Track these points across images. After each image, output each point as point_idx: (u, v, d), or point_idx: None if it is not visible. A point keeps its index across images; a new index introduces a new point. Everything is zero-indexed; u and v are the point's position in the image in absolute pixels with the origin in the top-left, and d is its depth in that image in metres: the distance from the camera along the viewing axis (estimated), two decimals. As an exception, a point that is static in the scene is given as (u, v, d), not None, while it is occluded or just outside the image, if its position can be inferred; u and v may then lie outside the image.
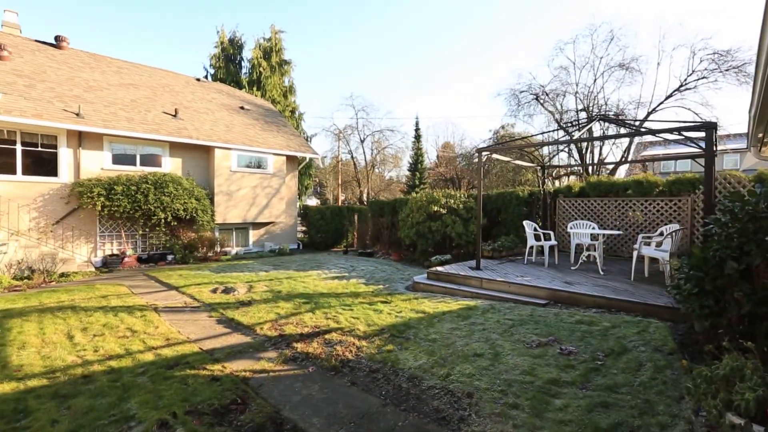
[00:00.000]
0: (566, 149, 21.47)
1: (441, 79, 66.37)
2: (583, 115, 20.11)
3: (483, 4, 50.26)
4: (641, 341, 4.01)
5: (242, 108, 16.60)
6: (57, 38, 13.73)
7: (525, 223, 8.67)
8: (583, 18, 41.02)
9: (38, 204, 9.84)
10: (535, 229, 8.73)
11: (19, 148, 9.68)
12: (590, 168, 19.13)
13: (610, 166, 19.94)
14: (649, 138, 21.38)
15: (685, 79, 17.12)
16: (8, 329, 4.81)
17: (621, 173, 22.56)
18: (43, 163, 10.10)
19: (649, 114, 18.13)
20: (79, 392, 3.21)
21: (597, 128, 19.72)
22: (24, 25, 13.84)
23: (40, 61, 12.17)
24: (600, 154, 20.67)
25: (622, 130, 14.18)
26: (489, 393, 3.09)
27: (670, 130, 6.08)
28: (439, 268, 7.82)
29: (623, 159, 19.64)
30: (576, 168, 21.29)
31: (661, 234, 6.96)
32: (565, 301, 5.75)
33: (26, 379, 3.47)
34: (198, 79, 17.84)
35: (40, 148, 10.00)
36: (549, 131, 20.88)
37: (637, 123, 15.54)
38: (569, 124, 19.09)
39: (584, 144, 19.76)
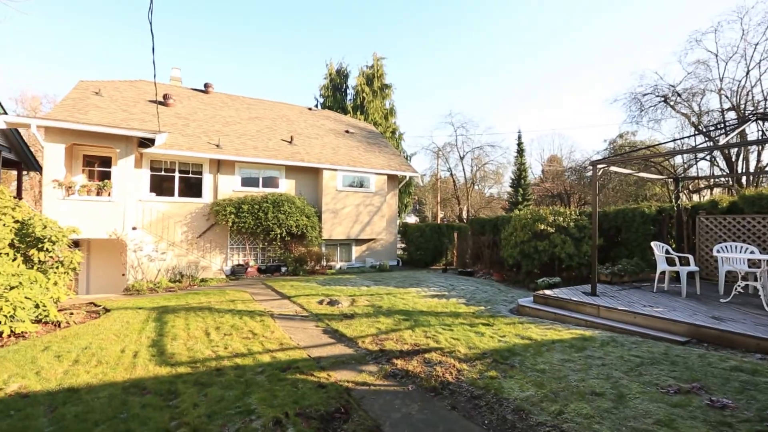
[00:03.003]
0: (708, 157, 18.09)
1: (547, 90, 62.49)
2: (731, 115, 16.80)
3: (598, 10, 46.21)
4: (836, 403, 3.06)
5: (347, 131, 17.89)
6: (205, 85, 16.79)
7: (653, 244, 7.47)
8: (726, 2, 34.66)
9: (187, 220, 11.92)
10: (667, 252, 7.46)
11: (177, 175, 11.94)
12: (744, 178, 15.74)
13: (774, 176, 16.13)
14: (833, 139, 16.74)
15: None
16: (165, 323, 5.86)
17: (790, 184, 18.05)
18: (191, 186, 12.26)
19: (832, 108, 14.28)
20: (213, 383, 3.71)
21: (753, 130, 16.22)
22: (184, 76, 17.30)
23: (193, 105, 14.95)
24: (758, 160, 16.90)
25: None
26: (613, 441, 2.67)
27: None
28: (547, 292, 7.16)
29: (793, 166, 15.70)
30: (723, 179, 17.74)
31: None
32: (713, 341, 4.73)
33: (176, 365, 4.15)
34: (309, 109, 19.87)
35: (190, 175, 12.19)
36: (683, 137, 17.87)
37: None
38: (712, 128, 16.07)
39: (734, 150, 16.40)
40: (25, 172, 15.30)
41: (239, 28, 58.93)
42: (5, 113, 12.66)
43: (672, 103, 18.54)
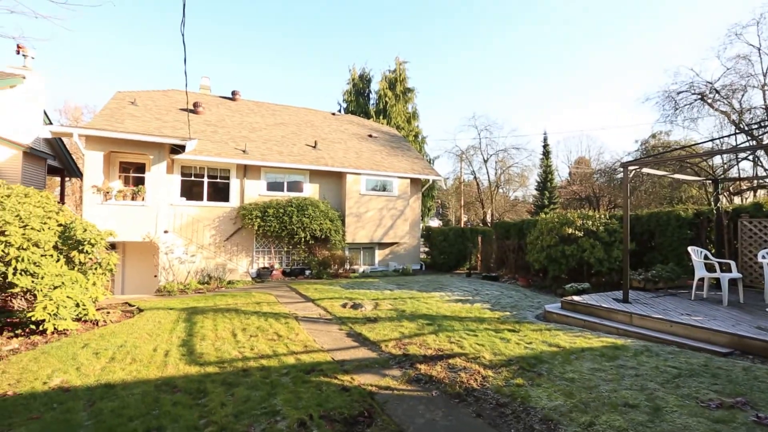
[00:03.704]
0: (751, 157, 17.10)
1: (574, 91, 60.90)
2: (775, 113, 15.82)
3: (629, 6, 44.75)
4: None
5: (370, 136, 18.01)
6: (233, 93, 17.32)
7: (690, 249, 7.11)
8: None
9: (215, 224, 12.29)
10: (706, 257, 7.08)
11: (205, 180, 12.35)
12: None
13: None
14: None
15: None
16: (194, 323, 6.04)
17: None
18: (219, 191, 12.64)
19: None
20: (240, 383, 3.79)
21: (799, 128, 15.21)
22: (213, 84, 17.93)
23: (221, 112, 15.44)
24: (806, 161, 15.84)
25: None
26: (649, 455, 2.54)
27: None
28: (576, 298, 6.94)
29: None
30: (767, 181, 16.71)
31: None
32: (759, 353, 4.44)
33: (205, 365, 4.27)
34: (333, 114, 20.14)
35: (218, 180, 12.58)
36: (722, 137, 16.99)
37: None
38: (755, 125, 15.20)
39: (779, 149, 15.42)
40: (67, 179, 16.21)
41: (265, 34, 60.61)
42: (50, 123, 13.49)
43: (710, 101, 17.66)
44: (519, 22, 53.33)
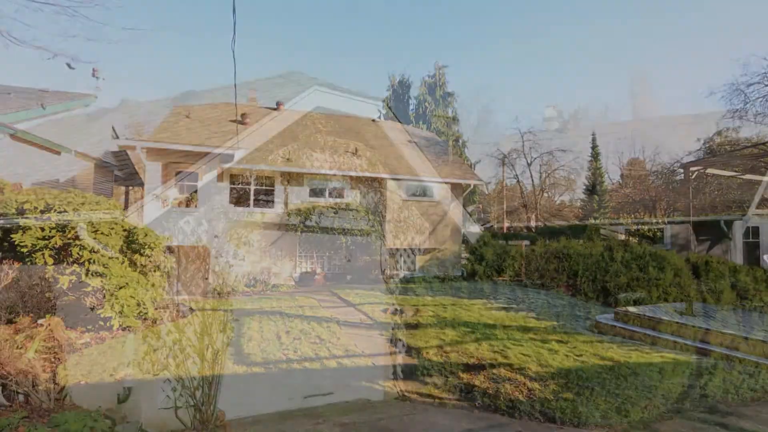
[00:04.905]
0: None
1: (625, 88, 57.47)
2: None
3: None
4: None
5: (410, 141, 18.01)
6: (277, 103, 18.07)
7: (767, 258, 6.41)
8: None
9: (261, 229, 12.78)
10: (787, 267, 6.35)
11: (252, 187, 12.92)
12: None
13: None
14: None
15: None
16: (242, 324, 6.30)
17: None
18: (264, 198, 13.17)
19: None
20: (284, 384, 3.89)
21: None
22: (258, 95, 18.84)
23: (267, 122, 16.14)
24: None
25: None
26: (721, 485, 2.30)
27: None
28: (631, 309, 6.48)
29: None
30: None
31: None
32: None
33: (252, 365, 4.43)
34: (373, 120, 20.37)
35: (263, 187, 13.11)
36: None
37: None
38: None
39: None
40: (130, 187, 17.68)
41: (308, 44, 62.84)
42: (117, 137, 14.78)
43: (787, 93, 15.91)
44: (559, 21, 51.36)
